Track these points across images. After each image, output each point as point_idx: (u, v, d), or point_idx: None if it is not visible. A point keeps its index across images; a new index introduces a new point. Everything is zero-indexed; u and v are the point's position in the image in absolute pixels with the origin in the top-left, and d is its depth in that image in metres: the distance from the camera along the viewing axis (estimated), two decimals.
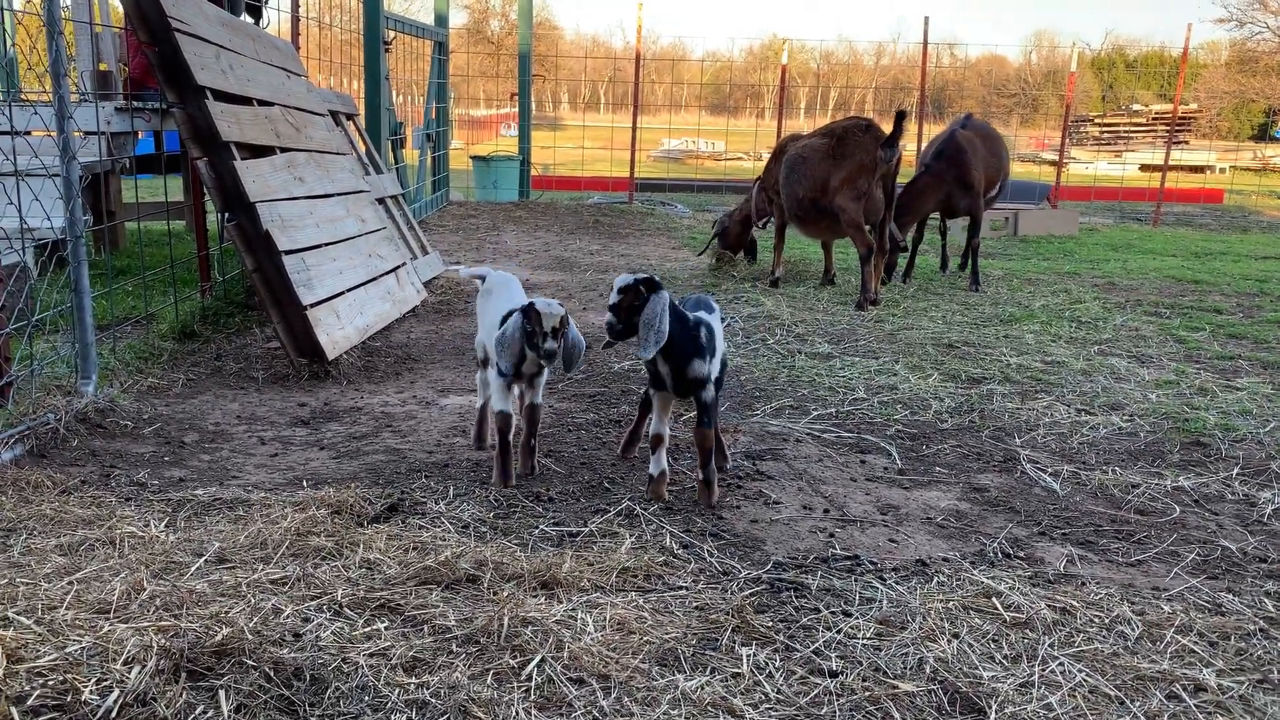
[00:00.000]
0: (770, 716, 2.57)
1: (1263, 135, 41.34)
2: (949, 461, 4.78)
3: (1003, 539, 3.87)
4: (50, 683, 2.35)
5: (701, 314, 4.13)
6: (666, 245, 12.28)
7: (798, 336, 7.28)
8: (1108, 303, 8.96)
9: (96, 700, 2.31)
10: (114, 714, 2.28)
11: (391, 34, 12.58)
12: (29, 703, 2.27)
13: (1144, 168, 27.94)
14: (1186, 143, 32.09)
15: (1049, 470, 4.66)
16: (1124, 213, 18.61)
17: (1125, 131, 34.30)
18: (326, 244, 6.57)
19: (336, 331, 6.13)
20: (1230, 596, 3.45)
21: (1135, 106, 36.70)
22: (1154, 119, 33.83)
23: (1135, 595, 3.43)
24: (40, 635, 2.55)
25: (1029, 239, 13.76)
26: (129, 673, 2.43)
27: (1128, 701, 2.74)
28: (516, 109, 19.06)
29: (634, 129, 17.43)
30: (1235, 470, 4.72)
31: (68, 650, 2.49)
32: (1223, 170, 30.23)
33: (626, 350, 6.77)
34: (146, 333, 6.38)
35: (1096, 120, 36.11)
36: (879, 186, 8.36)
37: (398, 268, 7.74)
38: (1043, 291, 9.46)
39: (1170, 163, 18.42)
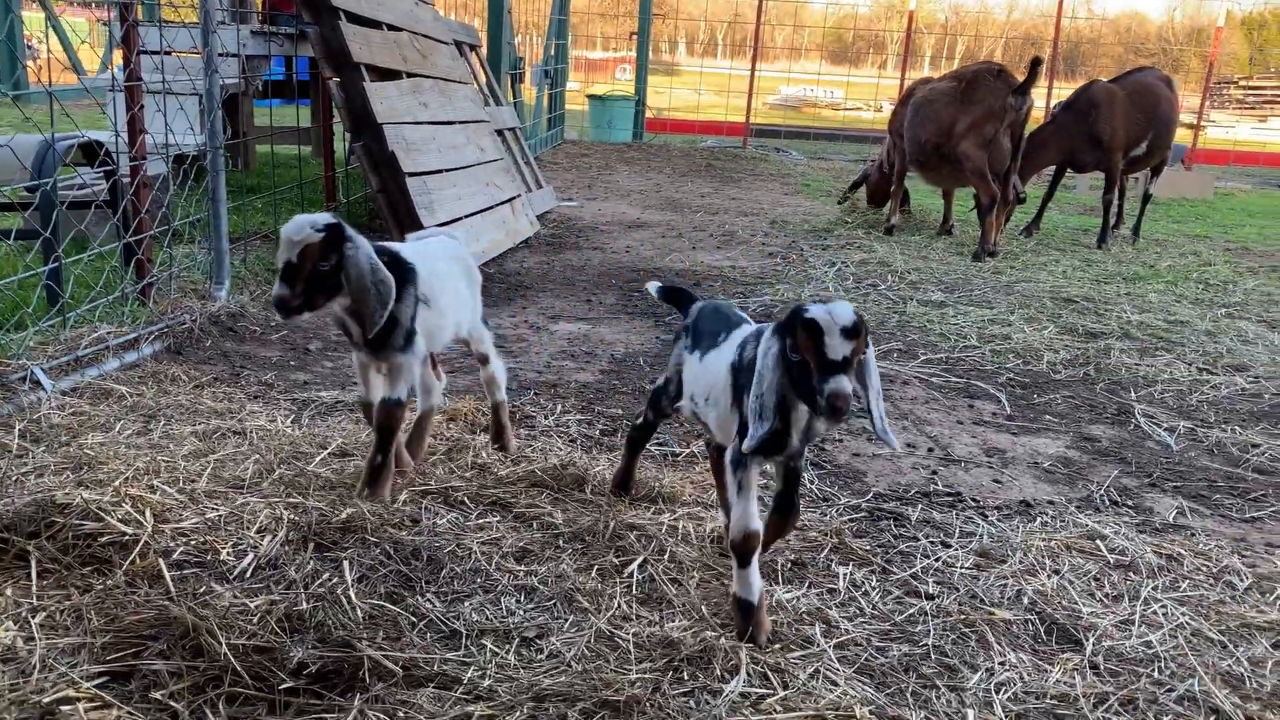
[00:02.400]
0: (865, 629, 2.62)
1: None
2: (1060, 411, 4.70)
3: (1110, 487, 3.82)
4: (193, 543, 2.54)
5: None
6: (779, 191, 12.17)
7: (910, 284, 7.18)
8: (1239, 267, 8.59)
9: (233, 560, 2.49)
10: (248, 573, 2.46)
11: None
12: (174, 557, 2.45)
13: None
14: None
15: (1164, 425, 4.55)
16: (1265, 179, 17.69)
17: (1273, 95, 32.42)
18: (447, 170, 6.72)
19: None
20: None
21: None
22: None
23: (1247, 549, 3.36)
24: (182, 502, 2.74)
25: (1159, 201, 13.20)
26: (262, 540, 2.61)
27: (1230, 645, 2.70)
28: (633, 51, 19.00)
29: (752, 73, 17.23)
30: None
31: (207, 517, 2.68)
32: None
33: (734, 289, 6.79)
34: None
35: (1241, 82, 34.20)
36: (1006, 135, 8.14)
37: (513, 199, 7.88)
38: (1170, 253, 9.11)
39: None
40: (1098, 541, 3.27)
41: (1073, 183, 13.57)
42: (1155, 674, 2.54)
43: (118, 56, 4.77)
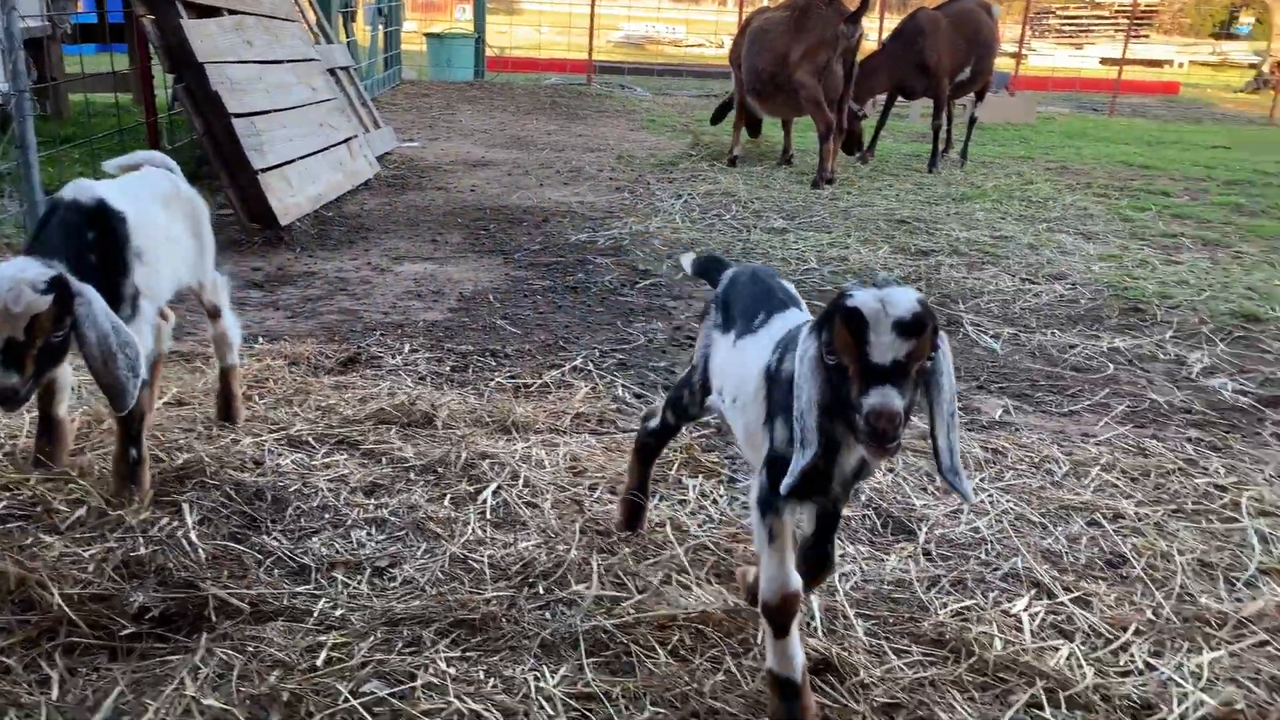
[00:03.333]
0: (714, 533, 2.71)
1: (1224, 31, 41.20)
2: None
3: None
4: (20, 497, 2.42)
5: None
6: (625, 127, 12.15)
7: (753, 213, 7.32)
8: (1059, 184, 9.07)
9: (66, 510, 2.39)
10: (83, 523, 2.36)
11: None
12: None
13: (1104, 61, 27.87)
14: (1147, 37, 32.01)
15: (990, 332, 4.81)
16: (1081, 103, 18.66)
17: (1087, 24, 34.08)
18: (277, 110, 6.45)
19: (288, 198, 6.08)
20: (1154, 442, 3.63)
21: None
22: (1116, 12, 33.59)
23: (1065, 440, 3.60)
24: (6, 459, 2.60)
25: (985, 126, 13.76)
26: (95, 490, 2.50)
27: (1050, 526, 2.91)
28: None
29: (592, 10, 17.05)
30: (1169, 333, 4.89)
31: (34, 470, 2.56)
32: (1181, 65, 30.26)
33: (582, 223, 6.79)
34: None
35: (1058, 12, 35.81)
36: (839, 63, 8.31)
37: (350, 139, 7.63)
38: (996, 174, 9.54)
39: (1129, 56, 18.42)
40: (929, 441, 3.45)
41: (905, 111, 14.00)
42: (982, 556, 2.72)
43: None
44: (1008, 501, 3.04)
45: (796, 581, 1.94)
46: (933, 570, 2.62)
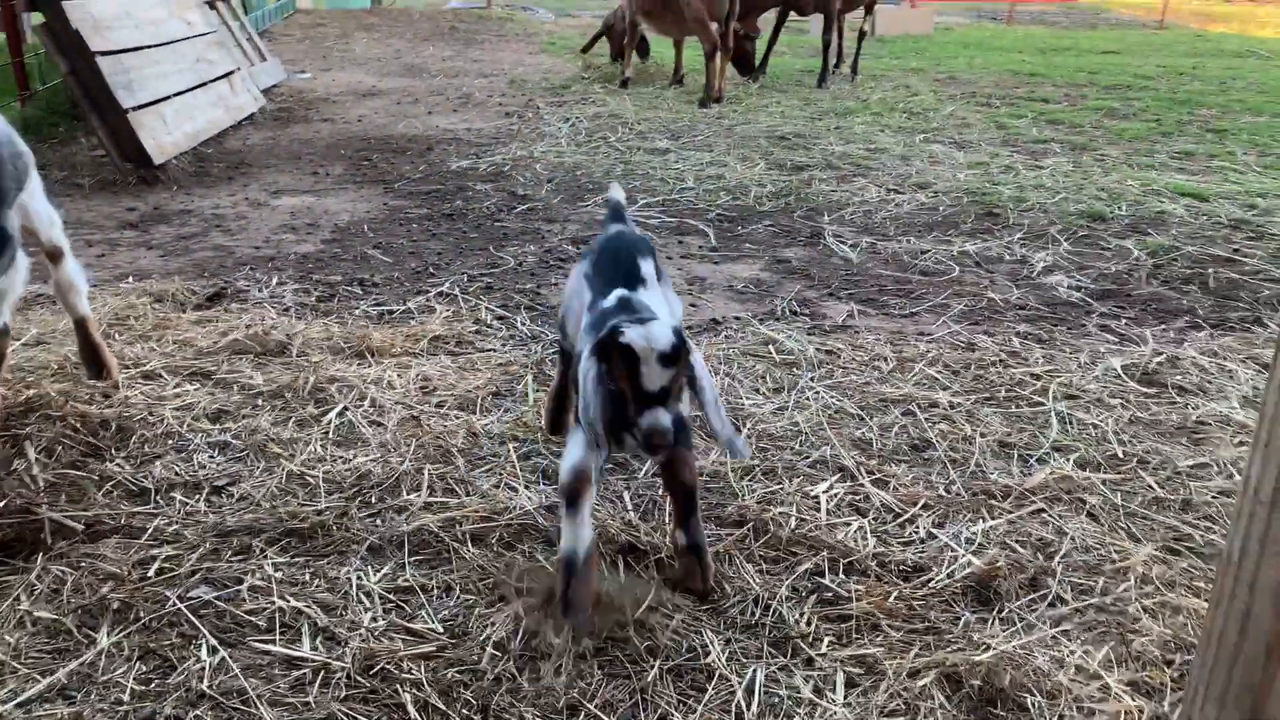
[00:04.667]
0: (551, 444, 2.89)
1: None
2: (760, 239, 5.09)
3: (793, 300, 4.22)
4: None
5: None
6: (523, 50, 12.08)
7: (639, 134, 7.41)
8: (942, 95, 9.27)
9: None
10: None
11: None
12: None
13: None
14: None
15: (849, 242, 5.01)
16: (980, 12, 18.86)
17: None
18: (148, 46, 6.36)
19: (164, 136, 6.04)
20: (984, 337, 3.87)
21: None
22: None
23: (899, 339, 3.82)
24: None
25: (885, 39, 13.93)
26: None
27: (866, 417, 3.14)
28: None
29: None
30: (1018, 235, 5.14)
31: None
32: None
33: (467, 150, 6.83)
34: None
35: None
36: None
37: (231, 73, 7.54)
38: (884, 86, 9.71)
39: None
40: (770, 346, 3.66)
41: (806, 25, 14.08)
42: (796, 446, 2.94)
43: None
44: (831, 397, 3.26)
45: (589, 465, 2.15)
46: (747, 462, 2.83)
